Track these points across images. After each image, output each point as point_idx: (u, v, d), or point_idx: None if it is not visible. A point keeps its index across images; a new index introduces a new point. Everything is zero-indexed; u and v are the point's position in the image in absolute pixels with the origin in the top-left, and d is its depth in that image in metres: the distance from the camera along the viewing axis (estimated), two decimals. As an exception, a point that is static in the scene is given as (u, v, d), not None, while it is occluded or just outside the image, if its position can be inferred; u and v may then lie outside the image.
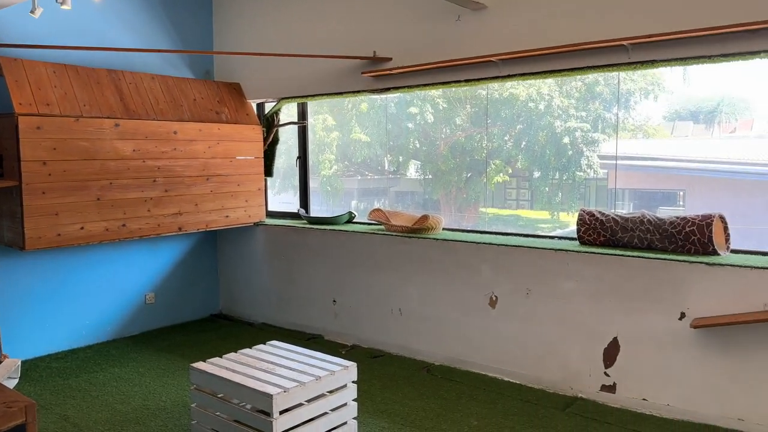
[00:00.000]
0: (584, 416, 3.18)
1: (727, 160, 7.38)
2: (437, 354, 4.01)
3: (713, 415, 3.02)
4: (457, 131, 8.46)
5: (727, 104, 8.52)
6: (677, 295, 3.09)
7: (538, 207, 8.39)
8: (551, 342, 3.52)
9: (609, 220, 3.51)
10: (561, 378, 3.49)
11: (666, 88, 7.89)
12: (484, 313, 3.78)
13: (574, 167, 7.67)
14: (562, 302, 3.47)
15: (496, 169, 8.06)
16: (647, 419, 3.13)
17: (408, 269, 4.11)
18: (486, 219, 8.72)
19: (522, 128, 8.09)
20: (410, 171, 9.19)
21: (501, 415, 3.21)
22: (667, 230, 3.29)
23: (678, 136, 8.50)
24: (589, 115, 7.52)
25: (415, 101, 8.27)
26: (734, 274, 2.95)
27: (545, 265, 3.53)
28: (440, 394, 3.51)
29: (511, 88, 7.73)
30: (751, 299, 2.90)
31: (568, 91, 7.57)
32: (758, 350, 2.89)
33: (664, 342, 3.14)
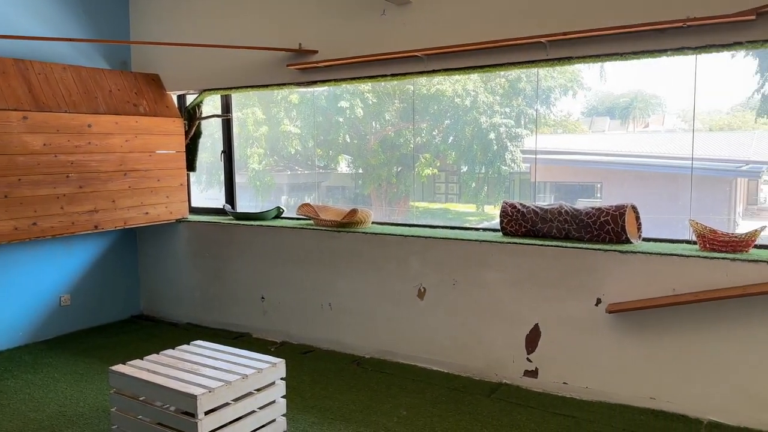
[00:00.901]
0: (508, 401, 3.29)
1: (641, 154, 7.81)
2: (368, 347, 4.02)
3: (628, 395, 3.20)
4: (386, 126, 8.51)
5: (641, 101, 9.01)
6: (593, 281, 3.24)
7: (465, 200, 8.58)
8: (477, 330, 3.61)
9: (530, 211, 3.63)
10: (486, 365, 3.59)
11: (584, 85, 8.24)
12: (413, 304, 3.83)
13: (499, 162, 7.90)
14: (486, 291, 3.56)
15: (425, 163, 8.17)
16: (567, 402, 3.27)
17: (338, 264, 4.10)
18: (416, 213, 8.83)
19: (449, 123, 8.24)
20: (341, 166, 9.17)
21: (429, 404, 3.27)
22: (584, 220, 3.44)
23: (595, 131, 8.91)
24: (512, 111, 7.75)
25: (345, 95, 8.24)
26: (645, 260, 3.12)
27: (471, 256, 3.61)
28: (370, 386, 3.53)
29: (438, 84, 7.85)
30: (661, 284, 3.08)
31: (492, 87, 7.77)
32: (667, 332, 3.07)
33: (582, 327, 3.29)
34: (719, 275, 2.93)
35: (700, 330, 2.99)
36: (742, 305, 2.88)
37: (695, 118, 8.25)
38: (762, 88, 6.36)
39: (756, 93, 6.51)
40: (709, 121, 7.99)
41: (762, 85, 6.33)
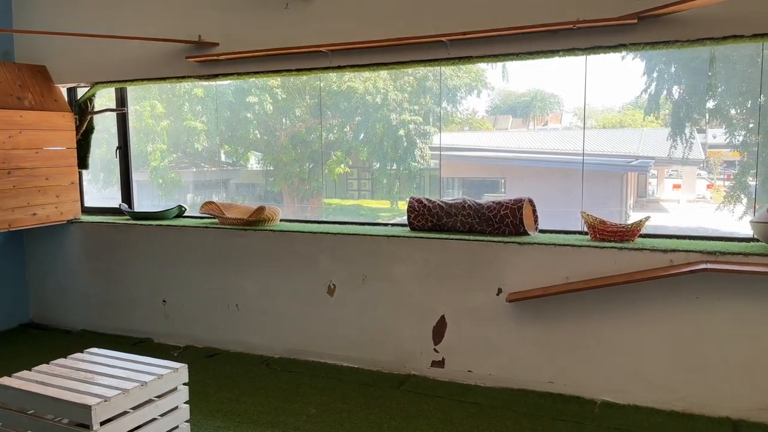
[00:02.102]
0: (416, 392, 3.34)
1: (540, 150, 8.20)
2: (277, 347, 3.96)
3: (528, 380, 3.34)
4: (297, 122, 8.41)
5: (540, 100, 9.44)
6: (495, 272, 3.36)
7: (378, 197, 8.65)
8: (386, 324, 3.65)
9: (435, 206, 3.70)
10: (396, 358, 3.63)
11: (488, 84, 8.52)
12: (322, 301, 3.80)
13: (409, 158, 8.02)
14: (395, 286, 3.60)
15: (337, 160, 8.16)
16: (472, 389, 3.37)
17: (244, 263, 4.00)
18: (329, 210, 8.79)
19: (361, 120, 8.27)
20: (251, 162, 8.95)
21: (339, 400, 3.26)
22: (485, 214, 3.55)
23: (499, 129, 9.25)
24: (421, 109, 7.89)
25: (253, 90, 8.06)
26: (541, 251, 3.27)
27: (379, 251, 3.63)
28: (279, 386, 3.47)
29: (348, 81, 7.85)
30: (556, 273, 3.24)
31: (401, 85, 7.87)
32: (563, 319, 3.24)
33: (485, 317, 3.40)
34: (608, 263, 3.12)
35: (592, 315, 3.18)
36: (629, 291, 3.08)
37: (590, 116, 8.74)
38: (649, 89, 6.85)
39: (644, 93, 6.99)
40: (602, 119, 8.51)
41: (649, 86, 6.82)
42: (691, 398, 3.01)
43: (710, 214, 6.81)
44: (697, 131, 6.49)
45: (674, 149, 6.50)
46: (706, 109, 6.48)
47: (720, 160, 7.36)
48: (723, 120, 6.37)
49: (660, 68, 6.59)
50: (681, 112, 6.53)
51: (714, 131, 6.77)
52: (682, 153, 6.47)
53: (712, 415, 2.96)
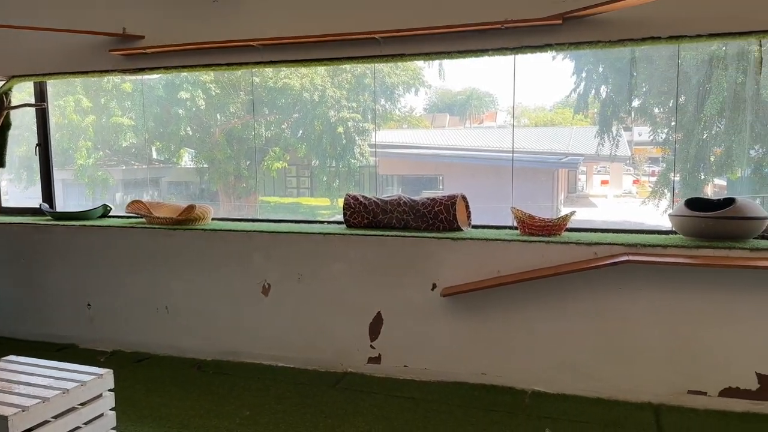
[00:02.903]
0: (353, 389, 3.34)
1: (477, 148, 8.35)
2: (209, 349, 3.86)
3: (463, 372, 3.40)
4: (232, 118, 8.23)
5: (476, 98, 9.61)
6: (429, 268, 3.40)
7: (318, 194, 8.59)
8: (322, 323, 3.62)
9: (371, 203, 3.70)
10: (332, 356, 3.61)
11: (426, 82, 8.60)
12: (256, 302, 3.74)
13: (348, 155, 8.00)
14: (331, 284, 3.58)
15: (275, 157, 8.04)
16: (408, 384, 3.40)
17: (174, 263, 3.88)
18: (267, 208, 8.65)
19: (298, 117, 8.18)
20: (184, 160, 8.70)
21: (274, 401, 3.21)
22: (420, 210, 3.58)
23: (437, 127, 9.36)
24: (360, 106, 7.88)
25: (185, 85, 7.82)
26: (474, 246, 3.33)
27: (315, 249, 3.60)
28: (212, 390, 3.39)
29: (285, 78, 7.74)
30: (488, 267, 3.30)
31: (339, 82, 7.83)
32: (494, 311, 3.31)
33: (420, 312, 3.43)
34: (536, 257, 3.21)
35: (522, 308, 3.26)
36: (557, 283, 3.18)
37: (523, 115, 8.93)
38: (578, 88, 7.09)
39: (573, 92, 7.24)
40: (535, 118, 8.75)
41: (578, 86, 7.05)
42: (615, 385, 3.14)
43: (637, 209, 7.15)
44: (624, 129, 6.78)
45: (602, 146, 6.75)
46: (632, 108, 6.76)
47: (645, 156, 7.73)
48: (647, 118, 6.67)
49: (588, 68, 6.84)
50: (608, 111, 6.80)
51: (639, 129, 7.10)
52: (609, 150, 6.74)
53: (635, 401, 3.10)
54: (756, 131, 4.94)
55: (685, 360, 3.02)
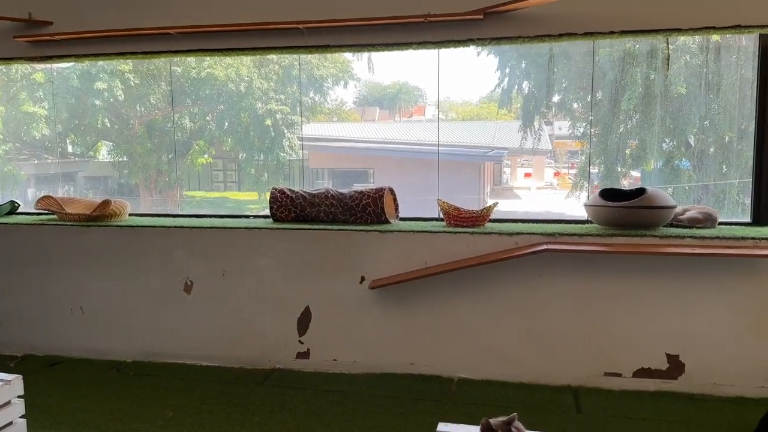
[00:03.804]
0: (281, 386, 3.29)
1: (406, 141, 8.41)
2: (129, 351, 3.70)
3: (391, 363, 3.42)
4: (153, 110, 7.89)
5: (405, 92, 9.67)
6: (357, 261, 3.39)
7: (246, 188, 8.39)
8: (249, 320, 3.55)
9: (298, 197, 3.66)
10: (260, 353, 3.55)
11: (355, 75, 8.57)
12: (179, 300, 3.61)
13: (277, 148, 7.85)
14: (258, 279, 3.51)
15: (200, 150, 7.78)
16: (338, 377, 3.39)
17: (89, 262, 3.68)
18: (192, 203, 8.37)
19: (224, 109, 7.94)
20: (102, 153, 8.27)
21: (199, 401, 3.12)
22: (348, 204, 3.57)
23: (367, 120, 9.37)
24: (288, 98, 7.75)
25: (101, 75, 7.43)
26: (401, 238, 3.35)
27: (240, 244, 3.52)
28: (132, 392, 3.25)
29: (209, 68, 7.50)
30: (415, 259, 3.33)
31: (266, 73, 7.67)
32: (421, 302, 3.35)
33: (349, 305, 3.42)
34: (462, 247, 3.27)
35: (448, 298, 3.32)
36: (481, 273, 3.25)
37: (450, 109, 9.06)
38: (502, 83, 7.26)
39: (497, 87, 7.40)
40: (462, 112, 8.92)
41: (502, 81, 7.22)
42: (537, 370, 3.25)
43: (559, 200, 7.43)
44: (545, 123, 7.02)
45: (525, 140, 6.96)
46: (552, 103, 6.99)
47: (565, 150, 8.04)
48: (567, 113, 6.93)
49: (512, 65, 7.02)
50: (530, 106, 7.00)
51: (560, 123, 7.37)
52: (532, 144, 6.95)
53: (556, 384, 3.23)
54: (667, 125, 5.24)
55: (602, 343, 3.17)
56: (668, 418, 2.84)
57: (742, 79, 4.08)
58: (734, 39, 3.98)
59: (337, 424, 2.85)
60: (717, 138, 4.90)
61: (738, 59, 4.20)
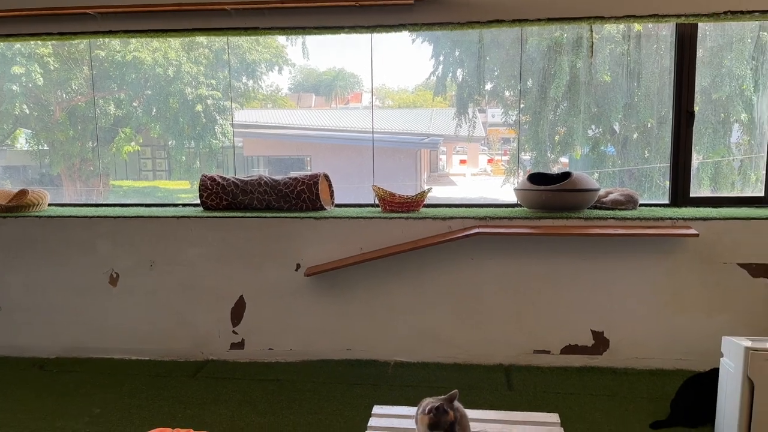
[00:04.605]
0: (215, 377, 3.23)
1: (343, 128, 8.38)
2: (52, 347, 3.53)
3: (327, 350, 3.41)
4: (75, 95, 7.50)
5: (342, 79, 9.60)
6: (293, 248, 3.35)
7: (176, 177, 8.12)
8: (180, 311, 3.45)
9: (230, 184, 3.57)
10: (192, 345, 3.46)
11: (289, 60, 8.43)
12: (104, 293, 3.46)
13: (209, 135, 7.63)
14: (188, 269, 3.42)
15: (126, 137, 7.46)
16: (273, 366, 3.35)
17: (6, 255, 3.47)
18: (120, 192, 8.03)
19: (151, 94, 7.64)
20: (20, 141, 7.79)
21: (127, 396, 3.01)
22: (282, 191, 3.52)
23: (303, 107, 9.25)
24: (219, 84, 7.53)
25: (18, 59, 6.99)
26: (337, 224, 3.34)
27: (169, 233, 3.40)
28: (56, 390, 3.10)
29: (134, 51, 7.18)
30: (351, 245, 3.33)
31: (196, 57, 7.42)
32: (357, 288, 3.35)
33: (284, 293, 3.38)
34: (397, 232, 3.29)
35: (384, 283, 3.34)
36: (416, 257, 3.28)
37: (387, 96, 9.05)
38: (436, 71, 7.32)
39: (432, 75, 7.46)
40: (398, 99, 8.95)
41: (436, 68, 7.28)
42: (470, 350, 3.33)
43: (493, 186, 7.60)
44: (479, 111, 7.14)
45: (460, 128, 7.06)
46: (485, 91, 7.12)
47: (498, 137, 8.22)
48: (499, 101, 7.07)
49: (446, 52, 7.09)
50: (464, 94, 7.10)
51: (493, 111, 7.52)
52: (467, 131, 7.07)
53: (488, 364, 3.31)
54: (593, 112, 5.44)
55: (531, 323, 3.27)
56: (594, 392, 2.97)
57: (662, 67, 4.28)
58: (654, 28, 4.17)
59: (272, 413, 2.82)
60: (639, 124, 5.13)
61: (658, 48, 4.40)
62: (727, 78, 4.36)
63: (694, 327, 3.14)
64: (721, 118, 4.56)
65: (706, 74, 4.29)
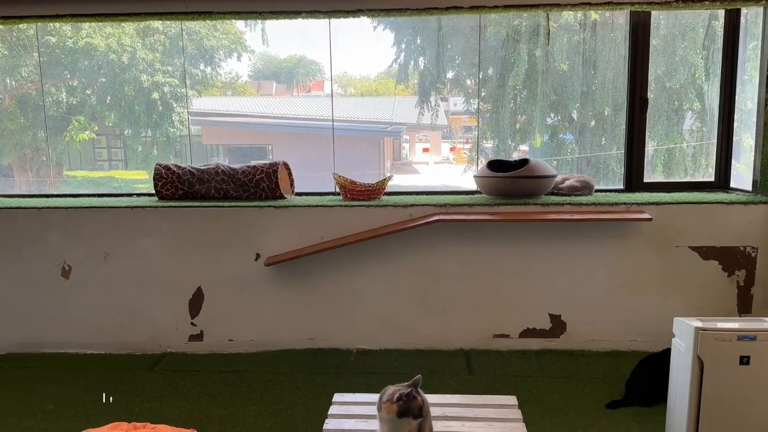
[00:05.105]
0: (173, 370, 3.17)
1: (305, 116, 8.29)
2: (3, 343, 3.41)
3: (290, 339, 3.39)
4: (25, 83, 7.22)
5: (303, 66, 9.49)
6: (252, 238, 3.31)
7: (133, 167, 7.91)
8: (136, 304, 3.37)
9: (185, 173, 3.49)
10: (149, 338, 3.39)
11: (248, 47, 8.28)
12: (56, 286, 3.36)
13: (166, 124, 7.45)
14: (144, 261, 3.34)
15: (80, 126, 7.22)
16: (234, 357, 3.31)
17: (-50, 249, 3.33)
18: (75, 183, 7.79)
19: (105, 82, 7.40)
20: (-34, 132, 7.47)
21: (82, 391, 2.93)
22: (240, 179, 3.46)
23: (264, 95, 9.11)
24: (176, 71, 7.35)
25: (-39, 45, 6.68)
26: (297, 213, 3.30)
27: (123, 224, 3.31)
28: (8, 386, 3.01)
29: (87, 37, 6.94)
30: (311, 234, 3.30)
31: (151, 44, 7.22)
32: (319, 277, 3.33)
33: (243, 283, 3.34)
34: (358, 220, 3.28)
35: (345, 271, 3.32)
36: (377, 245, 3.27)
37: (349, 84, 8.98)
38: (398, 59, 7.29)
39: (394, 63, 7.44)
40: (360, 87, 8.90)
41: (398, 56, 7.26)
42: (431, 336, 3.35)
43: (456, 174, 7.64)
44: (441, 99, 7.15)
45: (422, 116, 7.06)
46: (447, 79, 7.13)
47: (460, 125, 8.27)
48: (461, 89, 7.10)
49: (407, 40, 7.06)
50: (426, 82, 7.10)
51: (455, 99, 7.55)
52: (430, 119, 7.07)
53: (449, 349, 3.34)
54: (551, 100, 5.51)
55: (491, 307, 3.31)
56: (551, 374, 3.03)
57: (618, 55, 4.36)
58: (611, 17, 4.24)
59: (233, 404, 2.79)
60: (596, 112, 5.22)
61: (614, 36, 4.48)
62: (681, 66, 4.47)
63: (647, 309, 3.23)
64: (675, 106, 4.68)
65: (661, 63, 4.39)
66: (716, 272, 3.20)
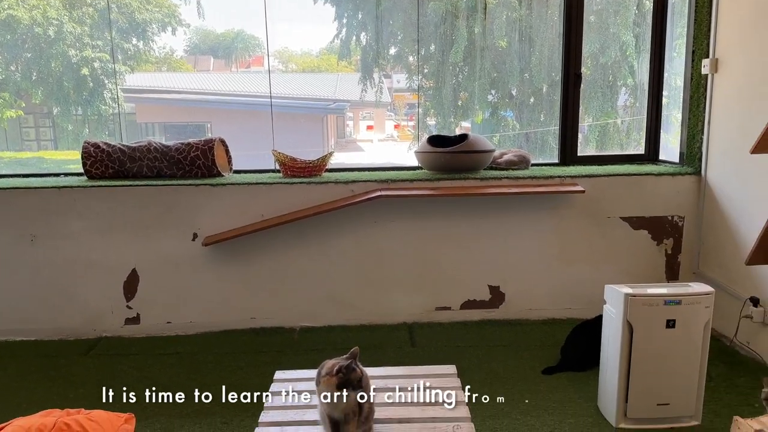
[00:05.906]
0: (108, 354, 3.08)
1: (245, 93, 8.09)
2: None
3: (232, 320, 3.34)
4: (-60, 58, 6.73)
5: (241, 41, 9.23)
6: (189, 217, 3.22)
7: (63, 147, 7.53)
8: (67, 288, 3.24)
9: (116, 151, 3.35)
10: (82, 322, 3.27)
11: (183, 21, 7.97)
12: (-21, 271, 3.18)
13: (98, 101, 7.11)
14: (74, 243, 3.20)
15: (5, 104, 6.80)
16: (173, 340, 3.24)
17: None
18: (1, 164, 7.36)
19: (31, 57, 6.99)
20: None
21: (14, 379, 2.82)
22: (174, 157, 3.35)
23: (201, 70, 8.83)
24: (106, 45, 7.00)
25: None
26: (236, 191, 3.23)
27: (50, 206, 3.16)
28: (-73, 379, 2.85)
29: (9, 9, 6.51)
30: (251, 212, 3.24)
31: (79, 17, 6.84)
32: (260, 255, 3.29)
33: (181, 264, 3.26)
34: (299, 198, 3.24)
35: (287, 249, 3.29)
36: (319, 222, 3.25)
37: (290, 60, 8.82)
38: (340, 34, 7.19)
39: (336, 38, 7.33)
40: (302, 63, 8.74)
41: (340, 31, 7.15)
42: (375, 311, 3.37)
43: (401, 151, 7.65)
44: (384, 76, 7.10)
45: (365, 93, 7.01)
46: (390, 56, 7.08)
47: (404, 102, 8.27)
48: (404, 66, 7.07)
49: (348, 15, 6.96)
50: (369, 58, 7.03)
51: (398, 76, 7.52)
52: (374, 96, 7.02)
53: (392, 323, 3.38)
54: (492, 77, 5.57)
55: (432, 281, 3.36)
56: (491, 343, 3.11)
57: (555, 33, 4.44)
58: (546, -6, 4.30)
59: (173, 387, 2.73)
60: (534, 89, 5.31)
61: (551, 14, 4.55)
62: (614, 43, 4.59)
63: (581, 277, 3.35)
64: (609, 82, 4.82)
65: (596, 40, 4.50)
66: (646, 241, 3.35)
